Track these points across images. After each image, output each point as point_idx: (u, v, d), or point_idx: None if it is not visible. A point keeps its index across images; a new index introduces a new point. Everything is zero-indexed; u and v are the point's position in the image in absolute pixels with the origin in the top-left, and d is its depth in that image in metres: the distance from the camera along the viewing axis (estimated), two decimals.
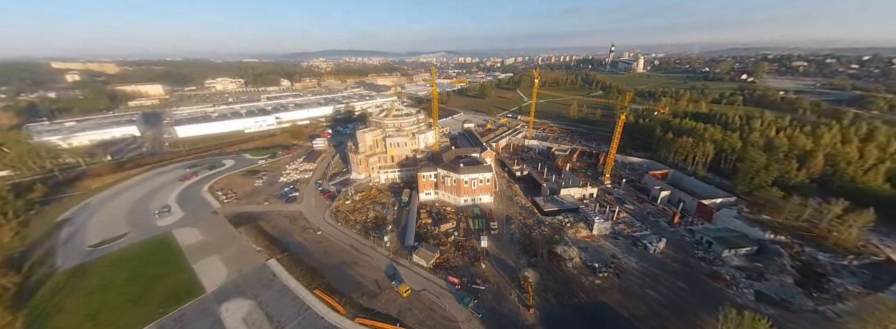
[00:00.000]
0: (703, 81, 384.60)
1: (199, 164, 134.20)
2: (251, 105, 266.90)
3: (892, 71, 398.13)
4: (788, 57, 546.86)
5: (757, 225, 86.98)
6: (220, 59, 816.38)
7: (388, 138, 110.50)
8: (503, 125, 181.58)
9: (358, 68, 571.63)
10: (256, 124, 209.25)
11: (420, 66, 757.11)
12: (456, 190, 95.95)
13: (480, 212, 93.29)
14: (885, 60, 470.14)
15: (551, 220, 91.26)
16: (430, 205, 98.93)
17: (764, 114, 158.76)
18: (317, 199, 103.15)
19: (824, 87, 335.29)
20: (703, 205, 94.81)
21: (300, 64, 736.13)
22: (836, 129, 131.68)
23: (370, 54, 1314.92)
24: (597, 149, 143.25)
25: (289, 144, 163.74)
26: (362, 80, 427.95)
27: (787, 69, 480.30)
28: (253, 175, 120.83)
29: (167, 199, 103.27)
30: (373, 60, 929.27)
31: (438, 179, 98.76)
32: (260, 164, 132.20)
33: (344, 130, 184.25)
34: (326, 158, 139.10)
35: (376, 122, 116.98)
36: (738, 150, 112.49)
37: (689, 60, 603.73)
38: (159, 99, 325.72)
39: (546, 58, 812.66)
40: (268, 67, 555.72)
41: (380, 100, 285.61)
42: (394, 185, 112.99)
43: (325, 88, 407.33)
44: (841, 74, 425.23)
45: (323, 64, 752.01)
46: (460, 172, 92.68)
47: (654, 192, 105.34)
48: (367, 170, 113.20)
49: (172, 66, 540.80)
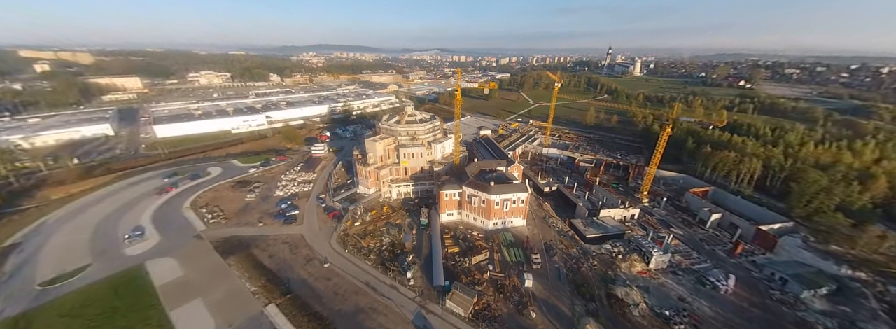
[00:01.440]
0: (702, 87, 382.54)
1: (180, 171, 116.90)
2: (239, 102, 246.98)
3: (883, 81, 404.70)
4: (781, 64, 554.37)
5: (830, 258, 77.70)
6: (205, 51, 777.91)
7: (401, 148, 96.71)
8: (515, 130, 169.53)
9: (351, 64, 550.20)
10: (245, 124, 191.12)
11: (415, 63, 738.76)
12: (485, 212, 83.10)
13: (514, 238, 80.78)
14: (872, 70, 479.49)
15: (598, 249, 79.57)
16: (454, 228, 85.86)
17: (795, 126, 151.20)
18: (320, 220, 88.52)
19: (821, 95, 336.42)
20: (763, 231, 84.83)
21: (290, 58, 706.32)
22: (872, 144, 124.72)
23: (362, 50, 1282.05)
24: (624, 160, 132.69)
25: (283, 149, 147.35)
26: (357, 78, 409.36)
27: (781, 76, 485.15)
28: (243, 187, 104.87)
29: (140, 219, 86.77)
30: (365, 56, 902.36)
31: (463, 199, 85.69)
32: (251, 174, 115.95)
33: (343, 133, 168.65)
34: (327, 167, 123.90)
35: (387, 129, 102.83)
36: (787, 167, 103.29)
37: (683, 65, 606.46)
38: (137, 93, 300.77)
39: (541, 59, 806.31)
40: (256, 61, 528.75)
41: (377, 99, 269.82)
42: (407, 201, 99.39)
43: (318, 85, 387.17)
44: (834, 83, 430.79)
45: (314, 59, 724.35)
46: (491, 192, 79.85)
47: (702, 213, 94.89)
48: (378, 184, 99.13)
49: (153, 58, 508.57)
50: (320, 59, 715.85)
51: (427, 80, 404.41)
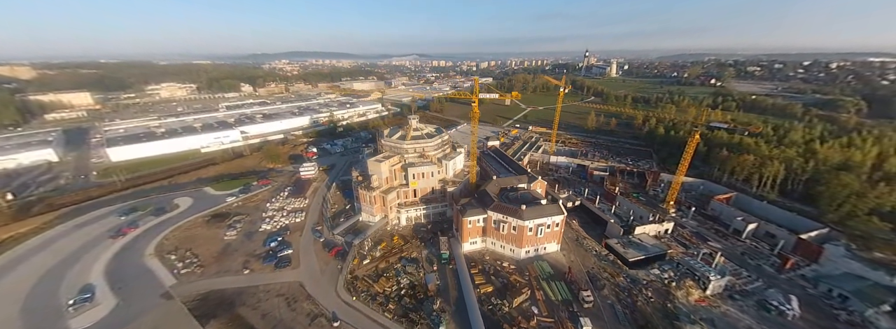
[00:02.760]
0: (678, 86, 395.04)
1: (140, 206, 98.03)
2: (208, 117, 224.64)
3: (836, 75, 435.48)
4: (742, 62, 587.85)
5: (880, 267, 73.32)
6: (166, 61, 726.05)
7: (409, 168, 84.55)
8: (516, 137, 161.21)
9: (329, 72, 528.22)
10: (217, 141, 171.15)
11: (395, 69, 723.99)
12: (516, 239, 72.45)
13: (552, 268, 70.53)
14: (823, 65, 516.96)
15: (645, 275, 70.83)
16: (479, 259, 74.57)
17: (793, 124, 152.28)
18: (320, 259, 74.43)
19: (786, 91, 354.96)
20: (805, 241, 79.60)
21: (261, 66, 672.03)
22: (870, 140, 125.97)
23: (338, 57, 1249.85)
24: (636, 166, 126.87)
25: (264, 170, 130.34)
26: (339, 89, 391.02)
27: (746, 74, 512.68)
28: (221, 222, 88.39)
29: (90, 274, 69.06)
30: (343, 63, 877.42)
31: (488, 225, 74.68)
32: (229, 204, 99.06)
33: (332, 148, 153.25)
34: (319, 190, 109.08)
35: (392, 146, 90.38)
36: (809, 169, 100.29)
37: (654, 66, 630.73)
38: (87, 110, 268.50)
39: (519, 62, 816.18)
40: (224, 70, 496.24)
41: (362, 107, 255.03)
42: (419, 228, 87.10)
43: (295, 95, 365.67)
44: (794, 79, 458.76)
45: (288, 66, 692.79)
46: (523, 217, 69.39)
47: (736, 223, 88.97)
48: (384, 209, 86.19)
49: (106, 70, 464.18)
50: (295, 66, 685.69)
51: (411, 86, 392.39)
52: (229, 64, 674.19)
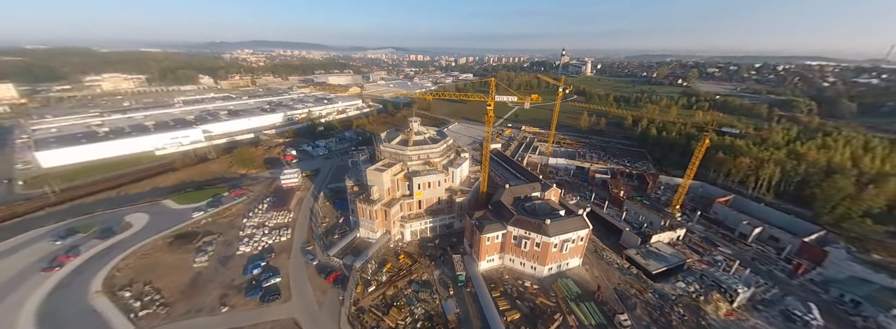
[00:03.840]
0: (649, 85, 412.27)
1: (80, 226, 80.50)
2: (162, 113, 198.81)
3: (785, 77, 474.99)
4: (702, 64, 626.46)
5: (881, 269, 75.53)
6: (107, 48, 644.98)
7: (414, 177, 75.23)
8: (511, 138, 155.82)
9: (300, 64, 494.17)
10: (174, 142, 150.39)
11: (371, 62, 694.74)
12: (539, 256, 66.06)
13: (579, 288, 65.02)
14: (771, 67, 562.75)
15: (672, 288, 67.42)
16: (497, 278, 67.59)
17: (771, 126, 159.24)
18: (315, 287, 63.63)
19: (744, 91, 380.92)
20: (809, 245, 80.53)
21: (222, 56, 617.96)
22: (841, 141, 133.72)
23: (307, 47, 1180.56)
24: (635, 168, 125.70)
25: (236, 177, 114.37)
26: (310, 79, 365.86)
27: (707, 75, 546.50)
28: (187, 244, 74.13)
29: (15, 324, 53.55)
30: (314, 54, 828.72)
31: (507, 240, 67.67)
32: (196, 221, 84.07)
33: (314, 151, 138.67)
34: (304, 200, 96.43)
35: (393, 152, 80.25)
36: (802, 171, 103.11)
37: (624, 65, 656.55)
38: (10, 104, 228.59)
39: (498, 59, 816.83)
40: (179, 60, 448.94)
41: (341, 103, 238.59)
42: (425, 242, 78.44)
43: (263, 89, 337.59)
44: (749, 80, 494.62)
45: (252, 57, 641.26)
46: (549, 233, 62.98)
47: (742, 227, 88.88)
48: (387, 224, 76.41)
49: (34, 57, 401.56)
50: (260, 57, 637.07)
51: (391, 82, 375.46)
52: (184, 52, 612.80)
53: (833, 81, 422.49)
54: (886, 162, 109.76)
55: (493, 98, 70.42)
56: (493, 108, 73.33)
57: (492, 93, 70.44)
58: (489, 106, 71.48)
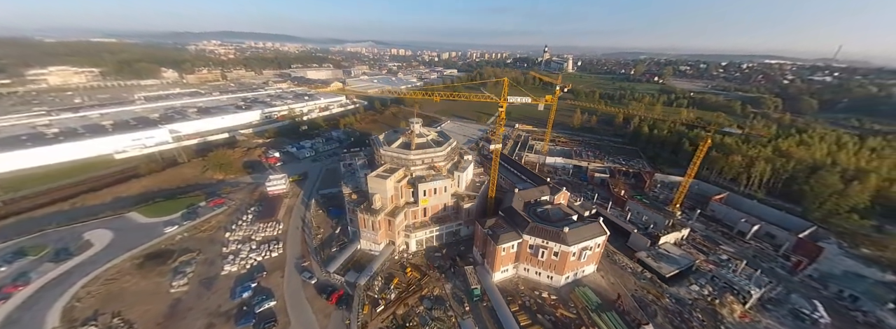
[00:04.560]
0: (628, 82, 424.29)
1: (30, 248, 68.79)
2: (121, 111, 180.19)
3: (750, 75, 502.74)
4: (673, 62, 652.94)
5: (871, 264, 78.60)
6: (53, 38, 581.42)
7: (420, 184, 69.63)
8: (506, 136, 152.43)
9: (275, 57, 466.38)
10: (136, 144, 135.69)
11: (350, 56, 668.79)
12: (557, 266, 62.81)
13: (598, 297, 62.48)
14: (737, 66, 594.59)
15: (687, 292, 66.44)
16: (513, 290, 63.91)
17: (752, 123, 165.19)
18: (317, 310, 57.10)
19: (715, 88, 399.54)
20: (805, 241, 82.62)
21: (186, 48, 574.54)
22: (817, 138, 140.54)
23: (282, 39, 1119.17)
24: (631, 166, 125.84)
25: (212, 183, 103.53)
26: (287, 73, 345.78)
27: (679, 72, 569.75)
28: (161, 264, 64.95)
29: None
30: (288, 47, 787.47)
31: (523, 249, 63.92)
32: (170, 236, 74.26)
33: (299, 152, 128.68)
34: (294, 209, 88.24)
35: (394, 156, 74.01)
36: (790, 168, 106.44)
37: (602, 63, 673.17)
38: None
39: (480, 54, 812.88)
40: (138, 51, 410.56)
41: (324, 100, 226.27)
42: (431, 252, 73.42)
43: (235, 83, 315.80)
44: (718, 77, 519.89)
45: (220, 49, 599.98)
46: (568, 241, 59.72)
47: (741, 225, 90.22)
48: (391, 235, 70.57)
49: None
50: (229, 49, 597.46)
51: (374, 77, 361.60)
52: (144, 43, 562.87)
53: (792, 79, 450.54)
54: (860, 157, 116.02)
55: (505, 99, 65.72)
56: (504, 108, 68.29)
57: (504, 93, 65.80)
58: (501, 107, 66.74)
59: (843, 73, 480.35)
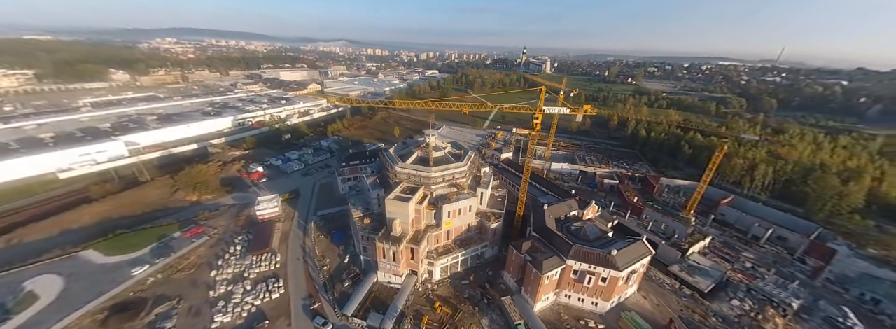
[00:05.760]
0: (605, 84, 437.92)
1: None
2: (63, 120, 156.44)
3: (712, 76, 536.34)
4: (641, 64, 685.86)
5: (883, 264, 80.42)
6: None
7: (444, 205, 61.57)
8: (505, 141, 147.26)
9: (241, 56, 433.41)
10: (85, 159, 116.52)
11: (324, 56, 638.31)
12: (604, 291, 57.23)
13: (648, 324, 57.52)
14: (698, 67, 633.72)
15: (729, 308, 63.40)
16: (555, 319, 57.70)
17: (737, 123, 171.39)
18: None
19: (684, 89, 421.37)
20: (818, 244, 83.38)
21: (137, 46, 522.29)
22: (797, 138, 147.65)
23: (248, 37, 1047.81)
24: (637, 170, 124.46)
25: (185, 206, 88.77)
26: (257, 74, 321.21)
27: (648, 74, 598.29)
28: (131, 318, 51.96)
29: None
30: (254, 45, 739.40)
31: (565, 276, 57.78)
32: (140, 281, 60.69)
33: (286, 166, 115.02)
34: (291, 235, 76.66)
35: (411, 174, 65.27)
36: (789, 170, 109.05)
37: (578, 64, 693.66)
38: None
39: (459, 55, 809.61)
40: (80, 50, 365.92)
41: (303, 104, 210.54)
42: (457, 279, 65.52)
43: (198, 86, 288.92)
44: (683, 78, 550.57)
45: (177, 47, 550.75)
46: (618, 265, 54.31)
47: (755, 230, 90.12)
48: (414, 264, 61.89)
49: None
50: (187, 47, 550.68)
51: (355, 78, 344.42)
52: (87, 41, 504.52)
53: (748, 80, 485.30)
54: (836, 155, 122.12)
55: (542, 110, 59.24)
56: (539, 119, 61.85)
57: (540, 103, 59.32)
58: (536, 118, 60.23)
59: (790, 74, 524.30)
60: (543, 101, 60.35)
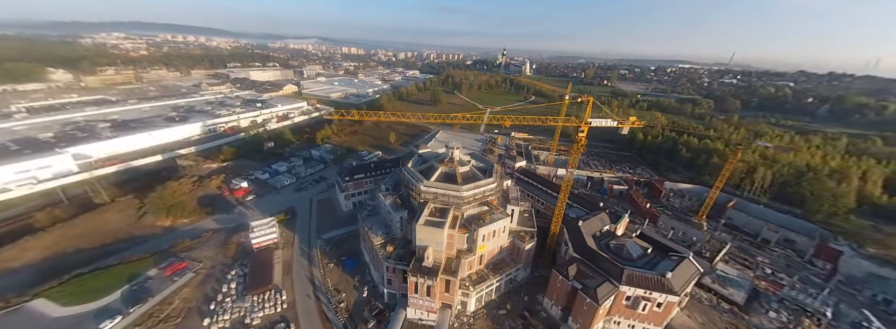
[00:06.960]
0: (583, 85, 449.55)
1: None
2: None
3: (677, 78, 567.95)
4: (613, 66, 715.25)
5: (886, 264, 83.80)
6: None
7: (479, 228, 54.92)
8: (507, 146, 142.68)
9: (203, 53, 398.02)
10: (24, 178, 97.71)
11: (296, 54, 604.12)
12: (658, 317, 53.24)
13: None
14: (664, 70, 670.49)
15: (768, 320, 61.98)
16: None
17: (721, 124, 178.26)
18: None
19: (656, 91, 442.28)
20: (824, 245, 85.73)
21: (79, 41, 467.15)
22: (776, 139, 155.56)
23: (208, 33, 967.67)
24: (641, 175, 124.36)
25: (157, 234, 75.21)
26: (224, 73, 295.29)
27: (621, 76, 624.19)
28: None
29: None
30: (216, 42, 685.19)
31: (617, 302, 53.17)
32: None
33: (275, 180, 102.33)
34: (294, 264, 66.40)
35: (439, 193, 57.80)
36: (785, 172, 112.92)
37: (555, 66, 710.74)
38: None
39: (437, 55, 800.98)
40: (8, 45, 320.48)
41: (282, 107, 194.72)
42: (492, 308, 59.15)
43: (156, 87, 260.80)
44: (653, 81, 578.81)
45: (127, 42, 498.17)
46: (676, 289, 50.41)
47: (765, 233, 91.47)
48: (448, 298, 54.61)
49: None
50: (139, 43, 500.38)
51: (334, 78, 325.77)
52: (16, 36, 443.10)
53: (709, 82, 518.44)
54: (813, 155, 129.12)
55: (588, 122, 54.10)
56: (585, 133, 56.62)
57: (587, 114, 54.30)
58: (582, 132, 54.95)
59: (743, 77, 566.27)
60: (588, 114, 55.27)
